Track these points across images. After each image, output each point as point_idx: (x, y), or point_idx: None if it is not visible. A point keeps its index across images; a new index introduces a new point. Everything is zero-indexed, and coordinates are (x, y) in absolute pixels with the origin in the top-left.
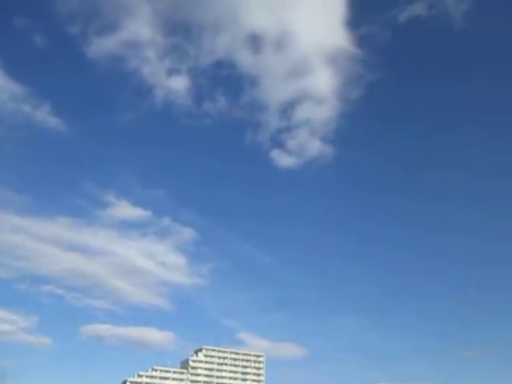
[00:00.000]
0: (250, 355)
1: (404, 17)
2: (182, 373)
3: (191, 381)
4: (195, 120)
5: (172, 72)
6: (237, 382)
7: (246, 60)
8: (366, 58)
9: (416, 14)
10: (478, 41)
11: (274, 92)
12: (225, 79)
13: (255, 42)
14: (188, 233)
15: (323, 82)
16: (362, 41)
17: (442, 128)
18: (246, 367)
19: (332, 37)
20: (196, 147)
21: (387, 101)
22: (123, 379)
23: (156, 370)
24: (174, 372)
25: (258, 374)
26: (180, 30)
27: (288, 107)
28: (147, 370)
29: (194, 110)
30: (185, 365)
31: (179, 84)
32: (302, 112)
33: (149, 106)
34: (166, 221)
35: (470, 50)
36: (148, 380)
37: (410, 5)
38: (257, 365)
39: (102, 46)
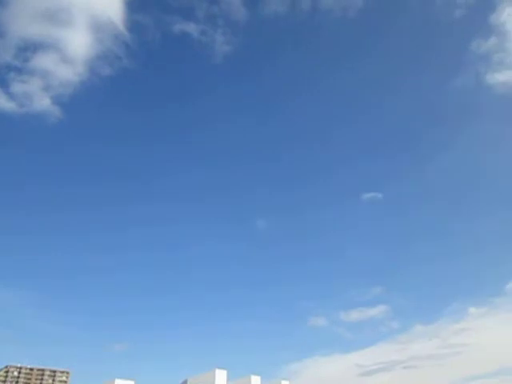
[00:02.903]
0: None
1: (178, 28)
2: None
3: None
4: None
5: None
6: None
7: None
8: (130, 44)
9: (189, 31)
10: (230, 77)
11: (20, 23)
12: None
13: None
14: None
15: (79, 43)
16: (133, 27)
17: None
18: None
19: (106, 5)
20: None
21: (132, 90)
22: None
23: None
24: None
25: None
26: None
27: (29, 48)
28: None
29: None
30: None
31: None
32: (44, 62)
33: None
34: None
35: (220, 80)
36: None
37: (187, 21)
38: None
39: None
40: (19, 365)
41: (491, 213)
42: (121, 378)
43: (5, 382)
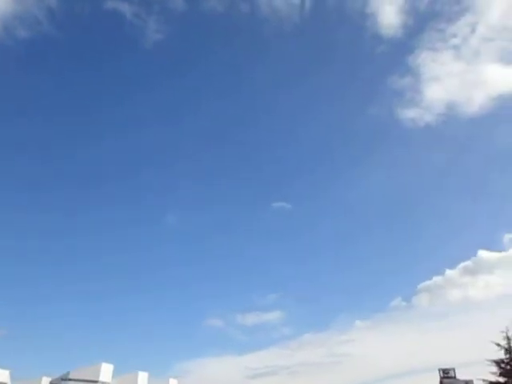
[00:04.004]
0: None
1: (111, 5)
2: None
3: None
4: None
5: None
6: None
7: None
8: (56, 10)
9: (122, 10)
10: (159, 66)
11: None
12: None
13: None
14: None
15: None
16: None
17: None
18: None
19: None
20: None
21: (52, 58)
22: None
23: None
24: None
25: None
26: None
27: None
28: None
29: None
30: None
31: None
32: None
33: None
34: None
35: (149, 69)
36: None
37: (121, 0)
38: None
39: None
40: None
41: (387, 232)
42: None
43: None
